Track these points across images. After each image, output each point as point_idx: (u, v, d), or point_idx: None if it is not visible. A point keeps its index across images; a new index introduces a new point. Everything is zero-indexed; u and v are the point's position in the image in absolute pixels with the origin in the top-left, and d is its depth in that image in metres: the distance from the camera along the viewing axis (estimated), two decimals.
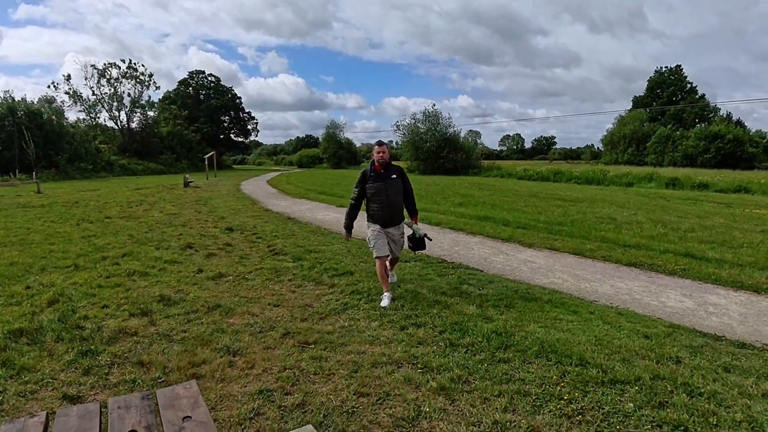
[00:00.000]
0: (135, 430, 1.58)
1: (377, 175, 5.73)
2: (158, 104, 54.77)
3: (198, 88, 67.46)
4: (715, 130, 47.64)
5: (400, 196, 5.84)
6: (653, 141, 54.39)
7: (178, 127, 53.18)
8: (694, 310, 5.48)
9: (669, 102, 65.13)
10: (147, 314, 5.07)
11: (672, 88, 66.00)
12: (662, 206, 15.31)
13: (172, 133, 51.67)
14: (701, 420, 3.13)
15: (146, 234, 9.77)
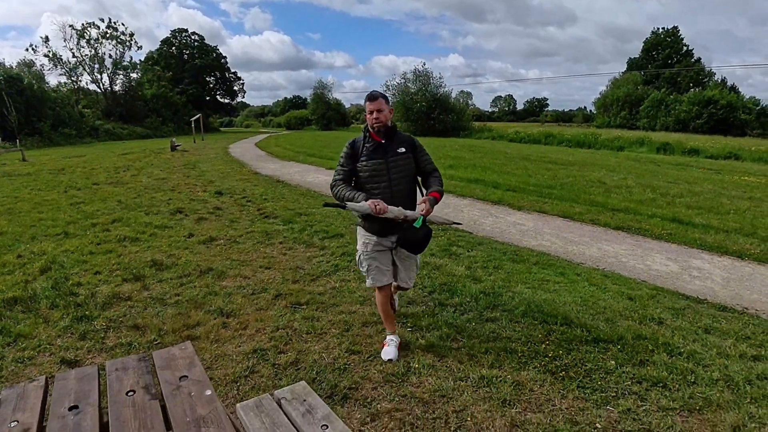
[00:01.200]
0: (134, 389, 1.63)
1: (375, 147, 3.40)
2: (141, 65, 53.24)
3: (181, 48, 65.39)
4: (708, 95, 47.38)
5: (411, 184, 3.50)
6: (646, 105, 54.09)
7: (163, 89, 51.83)
8: (678, 273, 5.59)
9: (664, 65, 64.52)
10: (140, 279, 5.11)
11: (668, 51, 65.28)
12: (652, 171, 15.40)
13: (157, 95, 50.49)
14: (680, 378, 3.27)
15: (135, 199, 9.73)
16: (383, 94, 3.41)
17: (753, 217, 8.39)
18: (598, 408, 2.95)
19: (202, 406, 1.53)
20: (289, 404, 2.04)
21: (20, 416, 1.54)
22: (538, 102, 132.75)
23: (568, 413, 2.90)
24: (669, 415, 2.88)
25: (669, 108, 50.71)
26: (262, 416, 1.95)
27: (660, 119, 50.81)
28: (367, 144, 3.43)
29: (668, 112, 50.42)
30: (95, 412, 1.55)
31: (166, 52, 63.58)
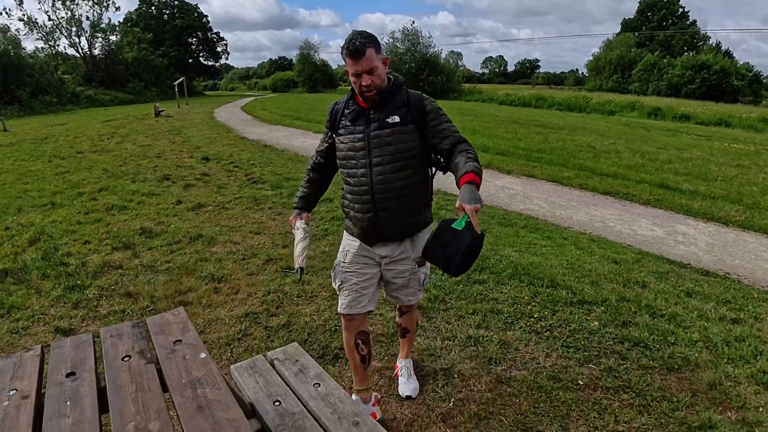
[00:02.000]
0: (129, 355, 1.67)
1: (355, 114, 2.35)
2: (120, 27, 51.68)
3: (161, 8, 62.76)
4: (702, 59, 46.88)
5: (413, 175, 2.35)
6: (639, 68, 53.52)
7: (144, 51, 50.14)
8: (663, 238, 5.69)
9: (659, 27, 63.67)
10: (130, 247, 5.12)
11: (663, 12, 64.29)
12: (642, 136, 15.43)
13: (138, 58, 49.06)
14: (660, 338, 3.38)
15: (121, 167, 9.65)
16: (371, 40, 2.17)
17: (740, 184, 8.48)
18: (580, 366, 3.06)
19: (197, 369, 1.57)
20: (281, 364, 2.10)
21: (18, 384, 1.57)
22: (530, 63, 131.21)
23: (552, 371, 3.00)
24: (648, 373, 2.99)
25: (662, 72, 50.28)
26: (256, 376, 2.01)
27: (652, 83, 50.47)
28: (348, 109, 2.37)
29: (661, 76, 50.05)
30: (92, 377, 1.59)
31: (145, 12, 61.32)
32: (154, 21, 60.37)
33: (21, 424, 1.39)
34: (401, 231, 2.40)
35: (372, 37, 2.19)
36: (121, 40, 49.72)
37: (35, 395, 1.52)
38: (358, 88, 2.25)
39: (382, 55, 2.25)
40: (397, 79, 2.37)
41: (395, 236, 2.41)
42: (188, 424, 1.33)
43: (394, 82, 2.34)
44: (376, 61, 2.19)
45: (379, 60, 2.21)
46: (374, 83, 2.20)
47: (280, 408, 1.82)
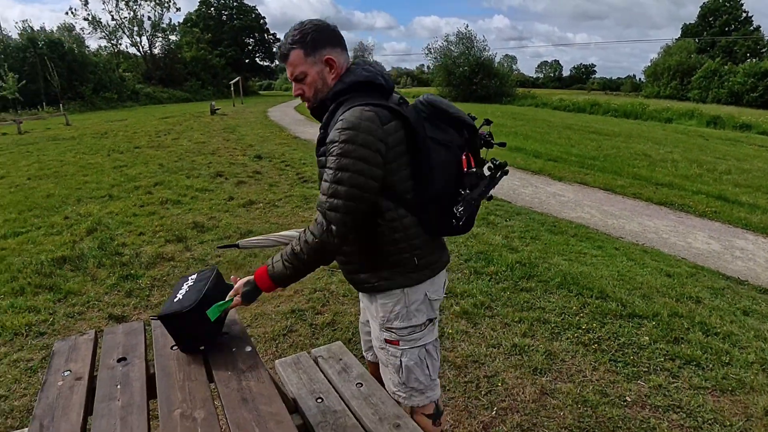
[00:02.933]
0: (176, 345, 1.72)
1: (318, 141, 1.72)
2: (180, 27, 53.56)
3: (220, 9, 64.57)
4: (765, 66, 44.81)
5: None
6: (699, 75, 51.53)
7: (202, 51, 51.80)
8: (720, 253, 5.46)
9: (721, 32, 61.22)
10: (182, 240, 5.27)
11: (726, 17, 61.80)
12: (700, 145, 14.87)
13: (196, 58, 50.65)
14: (714, 358, 3.23)
15: (176, 163, 9.94)
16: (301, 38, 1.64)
17: None
18: (628, 382, 2.96)
19: (242, 361, 1.60)
20: (325, 362, 2.12)
21: (73, 366, 1.64)
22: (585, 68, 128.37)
23: (599, 385, 2.92)
24: (700, 394, 2.86)
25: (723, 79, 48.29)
26: (300, 372, 2.03)
27: (712, 91, 48.51)
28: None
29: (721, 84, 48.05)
30: (142, 363, 1.64)
31: (204, 13, 63.17)
32: (213, 21, 62.12)
33: (74, 403, 1.45)
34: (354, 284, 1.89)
35: (305, 34, 1.64)
36: (180, 40, 51.50)
37: (88, 377, 1.58)
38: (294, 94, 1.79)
39: (320, 55, 1.65)
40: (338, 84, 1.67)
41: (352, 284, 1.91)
42: (232, 415, 1.35)
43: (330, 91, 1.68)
44: (306, 66, 1.65)
45: (311, 64, 1.65)
46: (305, 94, 1.71)
47: (322, 405, 1.84)
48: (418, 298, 1.78)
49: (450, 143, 1.68)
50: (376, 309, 1.81)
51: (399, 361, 1.82)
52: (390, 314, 1.78)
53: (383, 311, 1.79)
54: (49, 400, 1.46)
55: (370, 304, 1.86)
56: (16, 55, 32.03)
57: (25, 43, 32.86)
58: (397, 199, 1.65)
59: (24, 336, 3.43)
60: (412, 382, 1.83)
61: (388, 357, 1.84)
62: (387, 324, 1.79)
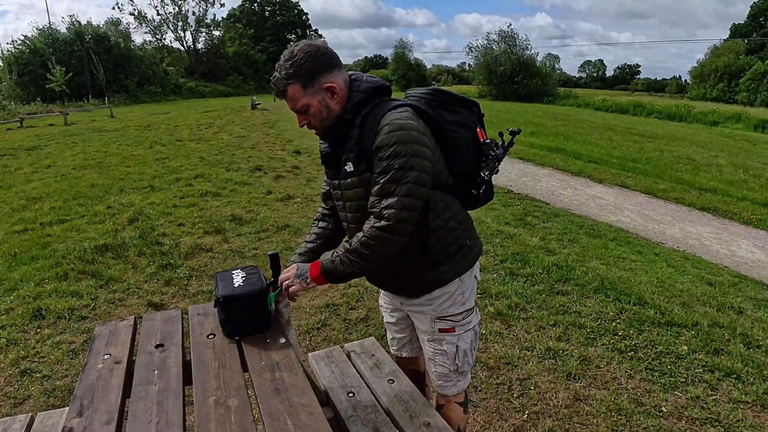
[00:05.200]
0: (214, 333, 1.75)
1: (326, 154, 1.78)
2: (223, 23, 54.43)
3: (263, 4, 65.14)
4: None
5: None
6: (747, 77, 49.76)
7: (244, 46, 52.53)
8: (765, 262, 5.26)
9: None
10: (220, 232, 5.37)
11: None
12: (747, 150, 14.39)
13: (238, 53, 51.38)
14: (755, 371, 3.11)
15: (216, 156, 10.12)
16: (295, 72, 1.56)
17: None
18: (665, 392, 2.88)
19: (276, 353, 1.62)
20: (357, 357, 2.13)
21: (112, 350, 1.69)
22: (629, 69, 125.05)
23: (634, 393, 2.85)
24: (740, 408, 2.77)
25: None
26: (332, 366, 2.05)
27: (761, 94, 46.75)
28: (322, 144, 1.83)
29: None
30: (179, 350, 1.68)
31: (248, 9, 63.95)
32: (255, 17, 62.82)
33: (113, 386, 1.49)
34: (395, 290, 1.92)
35: (300, 65, 1.56)
36: (223, 35, 52.30)
37: (126, 361, 1.63)
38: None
39: (318, 85, 1.59)
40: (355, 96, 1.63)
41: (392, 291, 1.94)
42: (265, 404, 1.37)
43: (348, 104, 1.63)
44: (307, 99, 1.60)
45: (312, 95, 1.59)
46: (312, 123, 1.66)
47: (353, 399, 1.85)
48: (470, 281, 1.84)
49: (466, 122, 1.74)
50: (425, 303, 1.81)
51: (455, 348, 1.83)
52: (444, 303, 1.79)
53: (437, 303, 1.79)
54: (89, 382, 1.50)
55: (411, 300, 1.85)
56: (64, 49, 33.06)
57: (73, 37, 33.92)
58: (444, 187, 1.69)
59: (66, 319, 3.55)
60: (465, 365, 1.87)
61: (442, 347, 1.84)
62: (441, 314, 1.80)
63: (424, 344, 1.92)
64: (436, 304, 1.79)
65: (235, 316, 1.71)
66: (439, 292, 1.77)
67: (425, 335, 1.88)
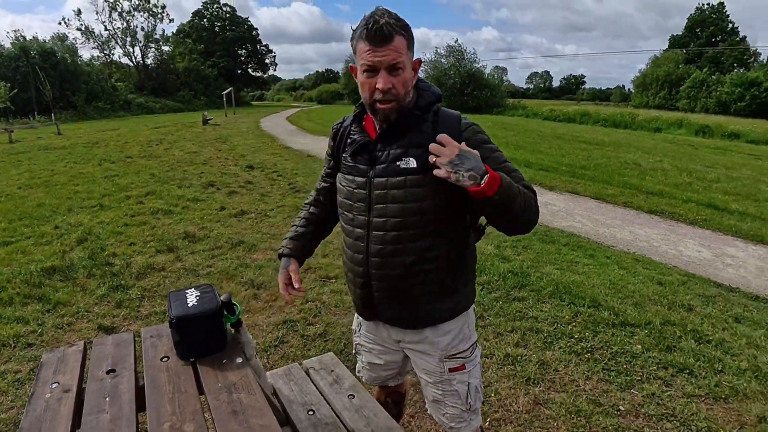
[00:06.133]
0: (167, 356, 1.70)
1: (359, 145, 1.59)
2: (173, 38, 53.85)
3: (213, 20, 64.79)
4: (752, 76, 45.40)
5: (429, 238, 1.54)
6: (687, 85, 52.15)
7: (194, 62, 52.00)
8: (711, 260, 5.48)
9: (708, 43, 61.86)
10: (173, 250, 5.24)
11: (712, 28, 62.51)
12: (689, 154, 15.01)
13: (189, 68, 50.78)
14: (707, 365, 3.24)
15: (168, 173, 9.91)
16: (403, 26, 1.41)
17: None
18: (622, 391, 2.95)
19: (233, 373, 1.59)
20: (317, 373, 2.10)
21: (61, 378, 1.62)
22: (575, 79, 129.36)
23: (592, 394, 2.91)
24: (694, 402, 2.87)
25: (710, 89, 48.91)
26: (291, 384, 2.02)
27: (700, 100, 49.09)
28: (352, 134, 1.65)
29: (709, 94, 48.65)
30: (131, 375, 1.62)
31: (197, 24, 63.32)
32: (205, 32, 62.25)
33: (62, 416, 1.42)
34: (406, 319, 1.67)
35: (404, 23, 1.42)
36: (173, 51, 51.57)
37: (76, 389, 1.56)
38: (369, 96, 1.47)
39: (413, 55, 1.48)
40: (428, 95, 1.55)
41: (399, 323, 1.71)
42: (222, 428, 1.33)
43: (421, 100, 1.53)
44: (406, 59, 1.42)
45: (409, 59, 1.45)
46: (396, 90, 1.43)
47: (313, 417, 1.82)
48: (472, 311, 1.76)
49: None
50: (434, 340, 1.67)
51: (467, 386, 1.71)
52: (454, 340, 1.67)
53: (446, 340, 1.67)
54: (37, 413, 1.44)
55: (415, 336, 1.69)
56: (8, 65, 32.07)
57: (17, 53, 32.90)
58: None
59: (12, 347, 3.38)
60: (477, 402, 1.75)
61: (453, 387, 1.70)
62: (451, 352, 1.68)
63: (426, 387, 1.76)
64: (445, 342, 1.67)
65: (190, 336, 1.66)
66: (448, 327, 1.67)
67: (430, 377, 1.72)
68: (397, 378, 1.98)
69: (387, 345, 1.81)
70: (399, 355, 1.82)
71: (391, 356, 1.83)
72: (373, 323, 1.79)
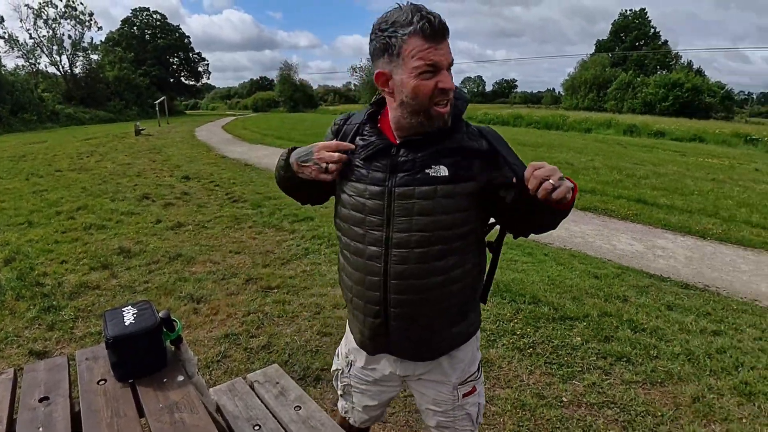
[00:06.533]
0: (105, 378, 1.63)
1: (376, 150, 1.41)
2: (101, 46, 51.75)
3: (143, 28, 62.73)
4: (674, 78, 47.98)
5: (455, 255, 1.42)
6: (614, 87, 54.53)
7: (125, 71, 50.02)
8: (643, 253, 5.76)
9: (632, 47, 64.89)
10: (107, 267, 5.03)
11: (636, 33, 65.55)
12: (619, 153, 15.70)
13: (119, 77, 48.89)
14: (643, 352, 3.41)
15: (100, 186, 9.52)
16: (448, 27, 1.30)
17: (715, 197, 8.66)
18: (564, 383, 3.06)
19: (174, 392, 1.54)
20: (262, 387, 2.06)
21: None
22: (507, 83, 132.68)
23: (536, 388, 3.00)
24: (632, 388, 3.01)
25: (636, 90, 51.30)
26: (236, 399, 1.97)
27: (627, 101, 51.38)
28: (363, 137, 1.46)
29: (635, 95, 51.02)
30: (66, 402, 1.55)
31: (127, 32, 61.17)
32: (135, 40, 60.23)
33: None
34: (424, 349, 1.54)
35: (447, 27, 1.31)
36: (102, 59, 49.61)
37: (7, 421, 1.48)
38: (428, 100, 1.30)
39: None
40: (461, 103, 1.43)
41: (414, 356, 1.56)
42: None
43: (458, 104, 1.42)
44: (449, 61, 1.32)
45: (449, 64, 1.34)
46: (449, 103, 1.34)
47: None
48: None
49: None
50: (448, 368, 1.58)
51: (477, 407, 1.67)
52: (465, 364, 1.60)
53: (460, 368, 1.59)
54: None
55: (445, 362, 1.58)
56: None
57: None
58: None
59: None
60: (481, 417, 1.72)
61: (466, 410, 1.64)
62: (463, 378, 1.60)
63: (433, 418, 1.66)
64: (460, 369, 1.59)
65: (128, 356, 1.60)
66: (462, 353, 1.59)
67: (441, 406, 1.62)
68: (383, 416, 1.91)
69: (386, 384, 1.69)
70: (394, 392, 1.74)
71: (387, 395, 1.74)
72: (375, 358, 1.65)
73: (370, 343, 1.57)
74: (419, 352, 1.54)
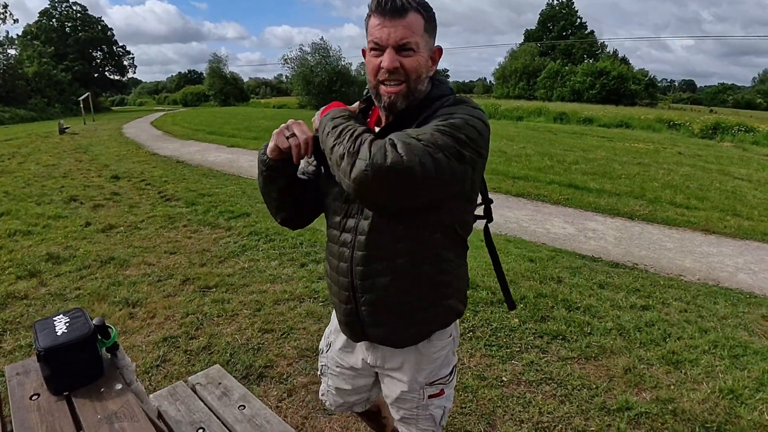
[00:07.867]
0: (38, 393, 1.57)
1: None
2: (19, 41, 48.94)
3: (63, 20, 59.21)
4: (601, 66, 49.87)
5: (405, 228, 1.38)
6: (543, 76, 56.11)
7: (45, 66, 47.39)
8: (575, 235, 6.01)
9: (560, 36, 66.94)
10: (35, 275, 4.79)
11: (563, 23, 67.63)
12: (550, 140, 16.20)
13: (39, 73, 46.22)
14: (577, 330, 3.59)
15: (24, 189, 9.02)
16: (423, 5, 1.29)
17: (642, 180, 9.14)
18: (503, 363, 3.18)
19: (113, 402, 1.50)
20: (204, 389, 2.04)
21: None
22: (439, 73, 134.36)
23: (477, 370, 3.10)
24: (568, 364, 3.17)
25: (564, 79, 53.01)
26: (177, 404, 1.95)
27: (556, 90, 53.01)
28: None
29: (564, 83, 52.70)
30: None
31: (46, 25, 57.66)
32: (55, 34, 56.86)
33: None
34: (395, 336, 1.52)
35: (430, 7, 1.30)
36: (20, 54, 46.76)
37: None
38: (373, 77, 1.32)
39: (433, 41, 1.35)
40: (444, 87, 1.43)
41: (385, 340, 1.54)
42: None
43: (436, 90, 1.41)
44: (421, 41, 1.28)
45: (426, 42, 1.30)
46: (405, 70, 1.28)
47: None
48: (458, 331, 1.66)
49: None
50: (417, 367, 1.56)
51: (442, 410, 1.64)
52: (436, 366, 1.58)
53: (432, 366, 1.57)
54: None
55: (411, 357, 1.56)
56: None
57: None
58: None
59: None
60: (444, 421, 1.69)
61: (429, 412, 1.62)
62: (432, 379, 1.58)
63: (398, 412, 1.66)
64: (429, 370, 1.57)
65: (62, 368, 1.54)
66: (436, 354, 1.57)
67: (405, 404, 1.61)
68: (365, 404, 1.86)
69: (358, 370, 1.70)
70: (370, 379, 1.72)
71: (362, 380, 1.73)
72: (347, 342, 1.67)
73: (347, 328, 1.57)
74: (391, 338, 1.51)
